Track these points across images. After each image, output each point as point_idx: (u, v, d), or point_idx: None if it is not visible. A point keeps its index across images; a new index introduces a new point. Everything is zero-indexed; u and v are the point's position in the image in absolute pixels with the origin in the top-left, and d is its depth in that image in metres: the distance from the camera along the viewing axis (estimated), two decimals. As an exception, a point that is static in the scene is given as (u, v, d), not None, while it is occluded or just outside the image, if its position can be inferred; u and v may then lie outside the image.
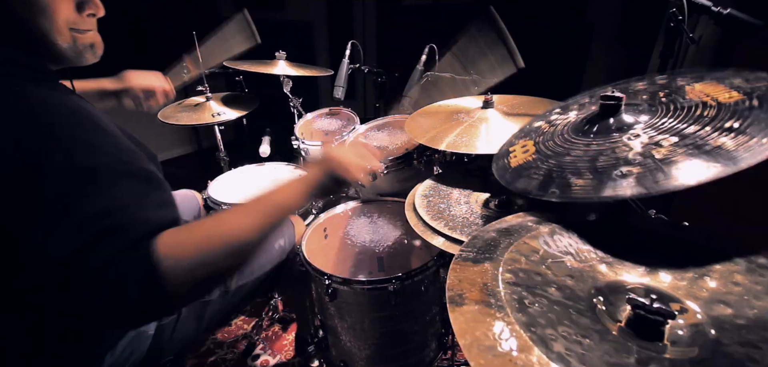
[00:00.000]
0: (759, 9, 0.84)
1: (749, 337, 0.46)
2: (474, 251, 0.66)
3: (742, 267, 0.57)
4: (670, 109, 0.67)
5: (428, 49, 1.53)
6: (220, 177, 1.67)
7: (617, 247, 0.65)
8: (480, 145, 1.07)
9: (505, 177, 0.79)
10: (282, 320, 1.81)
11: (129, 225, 0.56)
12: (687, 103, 0.66)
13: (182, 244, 0.59)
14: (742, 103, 0.60)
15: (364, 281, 1.03)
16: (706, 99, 0.65)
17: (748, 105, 0.59)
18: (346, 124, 1.87)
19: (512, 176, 0.77)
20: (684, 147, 0.58)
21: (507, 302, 0.53)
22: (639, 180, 0.58)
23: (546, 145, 0.79)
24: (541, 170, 0.73)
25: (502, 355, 0.45)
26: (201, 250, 0.60)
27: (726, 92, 0.64)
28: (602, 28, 2.73)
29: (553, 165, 0.72)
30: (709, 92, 0.66)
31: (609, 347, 0.46)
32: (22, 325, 0.66)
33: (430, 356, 1.21)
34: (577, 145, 0.72)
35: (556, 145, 0.77)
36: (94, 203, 0.55)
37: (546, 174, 0.71)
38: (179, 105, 1.93)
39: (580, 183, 0.64)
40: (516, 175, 0.77)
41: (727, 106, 0.61)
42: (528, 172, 0.75)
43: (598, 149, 0.68)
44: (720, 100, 0.63)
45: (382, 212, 1.38)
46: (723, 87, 0.66)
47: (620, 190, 0.58)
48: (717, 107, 0.62)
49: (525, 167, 0.77)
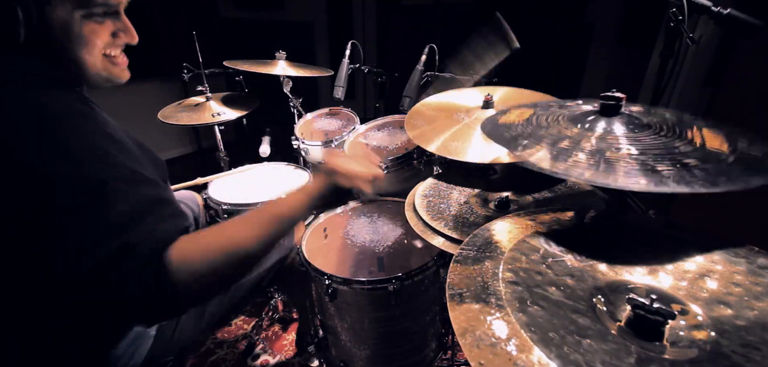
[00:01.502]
0: (759, 9, 0.84)
1: (749, 338, 0.46)
2: (474, 250, 0.66)
3: (742, 267, 0.57)
4: (661, 131, 0.68)
5: (428, 49, 1.53)
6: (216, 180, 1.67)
7: (617, 247, 0.65)
8: (472, 150, 1.00)
9: (486, 126, 0.81)
10: (282, 320, 1.81)
11: (145, 241, 0.58)
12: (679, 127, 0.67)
13: (193, 253, 0.61)
14: (723, 153, 0.60)
15: (364, 281, 1.03)
16: (697, 138, 0.65)
17: (726, 156, 0.60)
18: (346, 124, 1.87)
19: (491, 126, 0.80)
20: (635, 160, 0.60)
21: (507, 301, 0.53)
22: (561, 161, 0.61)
23: (538, 119, 0.79)
24: (515, 131, 0.74)
25: (502, 355, 0.45)
26: (209, 259, 0.63)
27: (719, 141, 0.64)
28: (602, 28, 2.72)
29: (528, 131, 0.73)
30: (706, 136, 0.66)
31: (609, 347, 0.46)
32: (22, 325, 0.66)
33: (430, 356, 1.21)
34: (559, 126, 0.74)
35: (546, 122, 0.77)
36: (107, 217, 0.56)
37: (517, 134, 0.73)
38: (179, 105, 1.93)
39: (535, 150, 0.66)
40: (494, 128, 0.79)
41: (707, 150, 0.62)
42: (506, 129, 0.76)
43: (569, 136, 0.69)
44: (706, 145, 0.63)
45: (382, 212, 1.38)
46: (721, 137, 0.66)
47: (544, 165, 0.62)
48: (700, 146, 0.63)
49: (507, 126, 0.78)
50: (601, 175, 0.58)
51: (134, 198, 0.60)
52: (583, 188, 1.08)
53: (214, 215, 1.45)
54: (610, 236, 0.69)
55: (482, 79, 1.29)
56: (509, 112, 0.86)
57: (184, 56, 2.12)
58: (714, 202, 1.58)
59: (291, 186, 1.50)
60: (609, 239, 0.67)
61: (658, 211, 0.83)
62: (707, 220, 1.68)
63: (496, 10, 1.38)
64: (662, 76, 0.90)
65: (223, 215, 1.41)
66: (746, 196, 1.27)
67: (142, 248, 0.57)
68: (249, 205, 1.39)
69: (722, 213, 1.61)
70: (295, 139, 1.79)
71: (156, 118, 1.82)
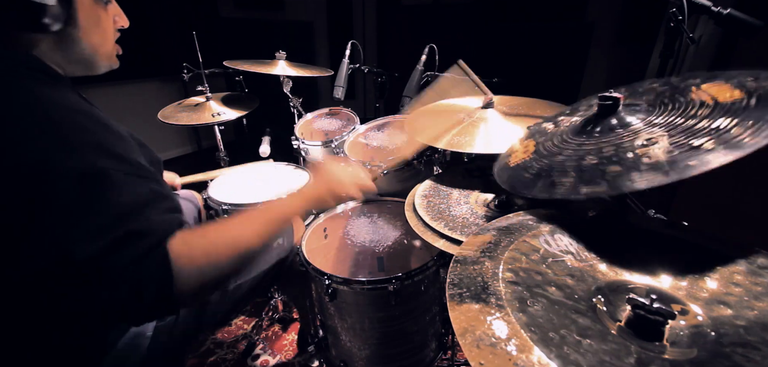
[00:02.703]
0: (759, 9, 0.84)
1: (749, 338, 0.46)
2: (474, 250, 0.66)
3: (742, 267, 0.57)
4: (668, 108, 0.68)
5: (428, 49, 1.53)
6: (220, 177, 1.67)
7: (617, 247, 0.65)
8: (478, 144, 1.07)
9: (501, 176, 0.81)
10: (282, 320, 1.81)
11: (147, 230, 0.59)
12: (686, 101, 0.67)
13: (193, 248, 0.62)
14: (740, 102, 0.60)
15: (364, 281, 1.03)
16: (706, 98, 0.65)
17: (745, 104, 0.59)
18: (346, 124, 1.87)
19: (508, 175, 0.79)
20: (673, 149, 0.59)
21: (507, 301, 0.53)
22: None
23: (544, 146, 0.79)
24: (534, 170, 0.74)
25: (502, 355, 0.45)
26: (209, 254, 0.64)
27: (728, 92, 0.64)
28: (602, 28, 2.73)
29: (545, 164, 0.73)
30: (713, 92, 0.66)
31: (609, 347, 0.46)
32: (21, 325, 0.66)
33: (430, 356, 1.21)
34: (570, 146, 0.74)
35: (553, 146, 0.78)
36: (109, 205, 0.57)
37: (536, 173, 0.72)
38: (179, 105, 1.93)
39: (565, 181, 0.66)
40: (512, 174, 0.78)
41: (723, 105, 0.61)
42: (523, 171, 0.76)
43: (587, 149, 0.69)
44: (719, 100, 0.63)
45: (382, 212, 1.38)
46: (728, 86, 0.66)
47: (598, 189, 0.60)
48: (713, 106, 0.62)
49: (522, 167, 0.78)
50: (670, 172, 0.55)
51: (137, 188, 0.61)
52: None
53: (214, 214, 1.45)
54: (610, 236, 0.69)
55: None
56: (511, 153, 0.87)
57: (184, 56, 2.12)
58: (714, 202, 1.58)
59: (291, 186, 1.50)
60: (609, 239, 0.67)
61: (658, 211, 0.83)
62: (707, 220, 1.68)
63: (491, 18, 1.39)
64: (662, 76, 0.90)
65: (223, 215, 1.41)
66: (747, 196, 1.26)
67: (146, 236, 0.58)
68: (249, 205, 1.39)
69: (722, 213, 1.61)
70: (295, 139, 1.79)
71: (156, 118, 1.82)
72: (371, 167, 1.37)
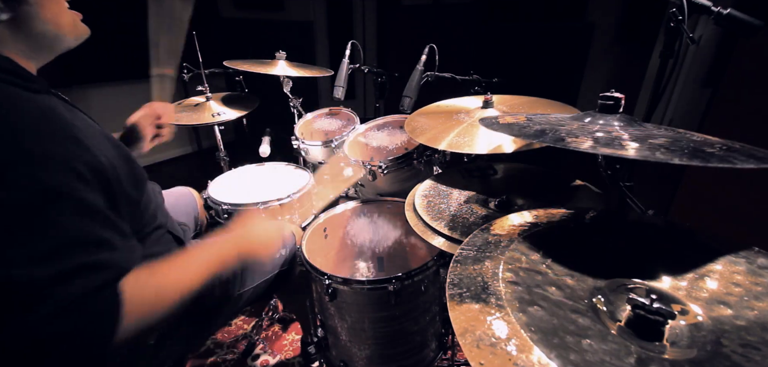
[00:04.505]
0: (759, 9, 0.84)
1: (749, 338, 0.46)
2: (474, 249, 0.66)
3: (742, 267, 0.57)
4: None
5: (428, 49, 1.53)
6: (220, 177, 1.67)
7: (617, 247, 0.65)
8: (479, 145, 1.07)
9: (492, 123, 0.81)
10: (282, 320, 1.81)
11: (105, 263, 0.58)
12: None
13: (143, 289, 0.62)
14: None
15: (364, 281, 1.03)
16: None
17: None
18: (346, 124, 1.87)
19: (502, 126, 0.79)
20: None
21: (507, 301, 0.53)
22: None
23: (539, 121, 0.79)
24: (534, 127, 0.73)
25: (502, 355, 0.45)
26: (157, 296, 0.64)
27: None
28: (602, 28, 2.73)
29: (547, 127, 0.73)
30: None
31: (609, 347, 0.46)
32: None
33: (430, 356, 1.21)
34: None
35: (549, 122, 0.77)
36: (64, 229, 0.55)
37: (539, 130, 0.71)
38: (179, 105, 1.93)
39: (574, 139, 0.64)
40: (506, 127, 0.78)
41: None
42: (523, 127, 0.75)
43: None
44: None
45: (382, 212, 1.38)
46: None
47: None
48: None
49: (516, 124, 0.78)
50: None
51: (95, 218, 0.59)
52: (583, 188, 1.08)
53: (215, 214, 1.45)
54: (610, 236, 0.69)
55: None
56: (501, 118, 0.86)
57: (184, 56, 2.11)
58: (714, 202, 1.58)
59: (291, 186, 1.50)
60: (609, 239, 0.67)
61: (657, 210, 0.83)
62: (707, 220, 1.68)
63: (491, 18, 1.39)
64: (662, 76, 0.90)
65: (223, 215, 1.41)
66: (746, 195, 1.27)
67: (105, 270, 0.57)
68: (249, 205, 1.39)
69: (722, 213, 1.61)
70: (295, 139, 1.79)
71: (156, 118, 1.81)
72: (371, 167, 1.37)
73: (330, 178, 1.46)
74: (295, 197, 1.41)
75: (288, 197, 1.42)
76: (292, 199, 1.41)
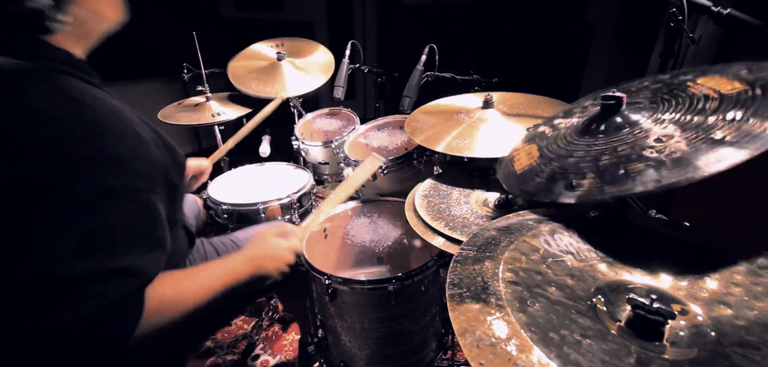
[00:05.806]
0: (759, 9, 0.84)
1: (749, 338, 0.46)
2: (474, 249, 0.66)
3: (742, 267, 0.57)
4: (672, 104, 0.67)
5: (428, 49, 1.53)
6: (220, 177, 1.67)
7: (617, 247, 0.65)
8: (479, 147, 1.07)
9: (510, 183, 0.80)
10: (282, 320, 1.81)
11: (137, 271, 0.58)
12: (690, 96, 0.66)
13: (163, 296, 0.63)
14: (745, 93, 0.60)
15: (364, 281, 1.03)
16: (709, 92, 0.65)
17: (751, 94, 0.59)
18: (346, 124, 1.87)
19: (518, 182, 0.79)
20: (688, 140, 0.58)
21: (507, 301, 0.53)
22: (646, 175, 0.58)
23: (550, 148, 0.79)
24: (545, 173, 0.73)
25: (502, 355, 0.45)
26: (173, 305, 0.65)
27: (728, 84, 0.64)
28: (602, 28, 2.73)
29: (556, 168, 0.72)
30: (713, 85, 0.66)
31: (609, 347, 0.46)
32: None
33: (430, 356, 1.21)
34: (578, 147, 0.73)
35: (559, 148, 0.77)
36: (113, 230, 0.56)
37: (550, 177, 0.72)
38: (179, 105, 1.93)
39: (584, 183, 0.65)
40: (522, 181, 0.78)
41: (729, 97, 0.61)
42: (534, 176, 0.75)
43: (599, 149, 0.68)
44: (722, 92, 0.63)
45: (382, 212, 1.38)
46: (725, 79, 0.66)
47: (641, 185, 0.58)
48: (719, 99, 0.62)
49: (530, 172, 0.77)
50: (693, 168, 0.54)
51: (140, 220, 0.60)
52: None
53: (214, 215, 1.45)
54: (610, 236, 0.69)
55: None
56: (515, 156, 0.86)
57: (184, 56, 2.12)
58: (714, 202, 1.58)
59: (291, 186, 1.50)
60: (609, 239, 0.67)
61: (658, 211, 0.83)
62: (707, 220, 1.68)
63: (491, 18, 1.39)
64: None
65: (222, 215, 1.41)
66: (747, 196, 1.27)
67: (138, 277, 0.58)
68: (249, 205, 1.39)
69: (722, 213, 1.61)
70: (295, 139, 1.79)
71: (156, 118, 1.82)
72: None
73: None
74: (295, 197, 1.41)
75: (288, 197, 1.42)
76: (291, 199, 1.41)
